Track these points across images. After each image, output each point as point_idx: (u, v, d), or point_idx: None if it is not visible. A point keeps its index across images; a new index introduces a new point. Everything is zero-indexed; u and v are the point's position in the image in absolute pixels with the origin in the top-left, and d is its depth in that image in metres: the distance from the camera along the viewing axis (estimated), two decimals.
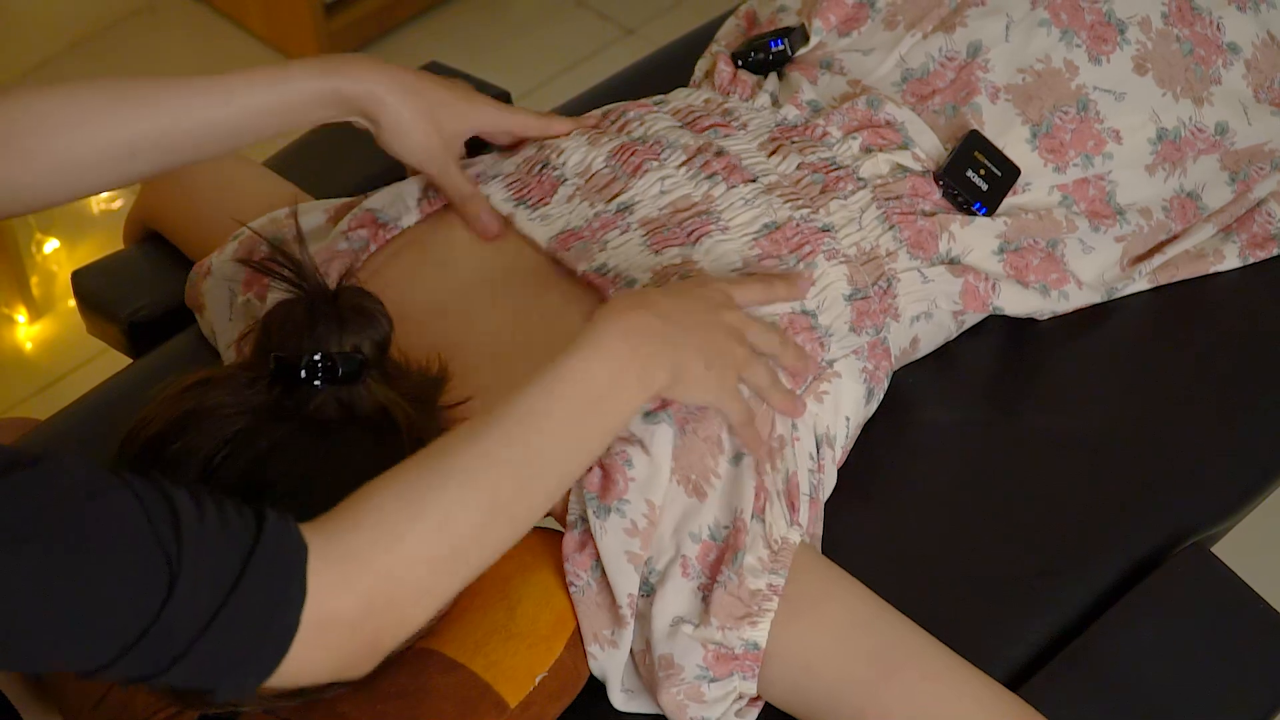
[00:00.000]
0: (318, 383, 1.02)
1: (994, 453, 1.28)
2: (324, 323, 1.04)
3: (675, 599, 1.09)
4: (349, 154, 1.30)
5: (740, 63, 1.41)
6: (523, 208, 1.27)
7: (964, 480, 1.26)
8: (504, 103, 1.31)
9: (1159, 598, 1.18)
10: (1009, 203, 1.32)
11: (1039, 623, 1.18)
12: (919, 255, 1.27)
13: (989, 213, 1.31)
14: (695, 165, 1.27)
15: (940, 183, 1.31)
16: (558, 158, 1.30)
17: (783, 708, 1.11)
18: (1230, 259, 1.37)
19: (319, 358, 1.02)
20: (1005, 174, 1.31)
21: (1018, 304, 1.32)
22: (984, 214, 1.31)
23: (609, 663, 1.11)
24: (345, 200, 1.36)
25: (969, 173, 1.30)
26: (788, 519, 1.13)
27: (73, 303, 2.06)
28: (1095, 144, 1.33)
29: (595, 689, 1.13)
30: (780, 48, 1.40)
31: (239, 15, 2.78)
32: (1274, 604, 1.19)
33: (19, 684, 1.25)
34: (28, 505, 0.80)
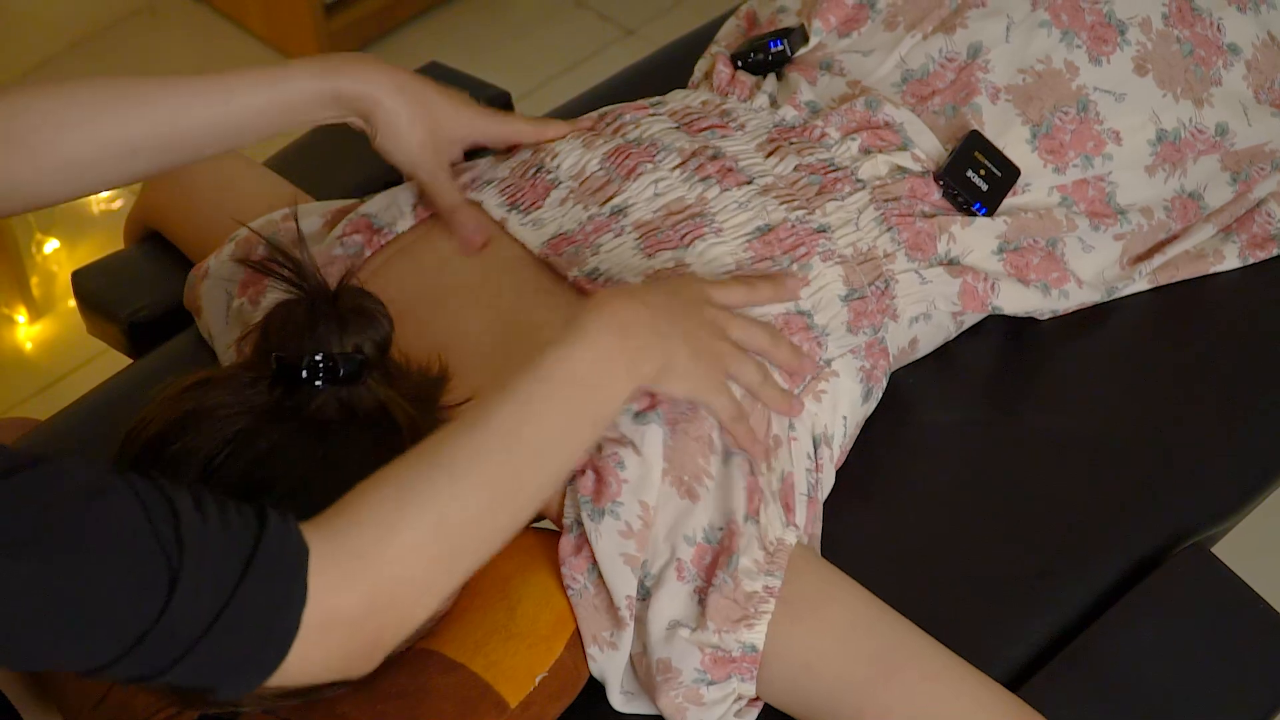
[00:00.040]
0: (319, 383, 1.02)
1: (994, 453, 1.28)
2: (325, 323, 1.04)
3: (671, 603, 1.09)
4: (349, 154, 1.30)
5: (739, 63, 1.41)
6: (515, 212, 1.27)
7: (964, 480, 1.26)
8: (501, 110, 1.31)
9: (1159, 598, 1.18)
10: (1009, 203, 1.32)
11: (1039, 623, 1.18)
12: (917, 257, 1.27)
13: (989, 213, 1.31)
14: (690, 168, 1.27)
15: (940, 183, 1.31)
16: (552, 161, 1.30)
17: (782, 708, 1.11)
18: (1230, 259, 1.37)
19: (320, 358, 1.02)
20: (1005, 174, 1.31)
21: (1017, 303, 1.32)
22: (984, 214, 1.30)
23: (608, 664, 1.11)
24: (342, 205, 1.36)
25: (969, 173, 1.30)
26: (783, 520, 1.13)
27: (73, 303, 2.06)
28: (1095, 145, 1.33)
29: (595, 690, 1.13)
30: (780, 48, 1.40)
31: (239, 15, 2.78)
32: (1274, 604, 1.19)
33: (19, 684, 1.25)
34: (29, 507, 0.80)
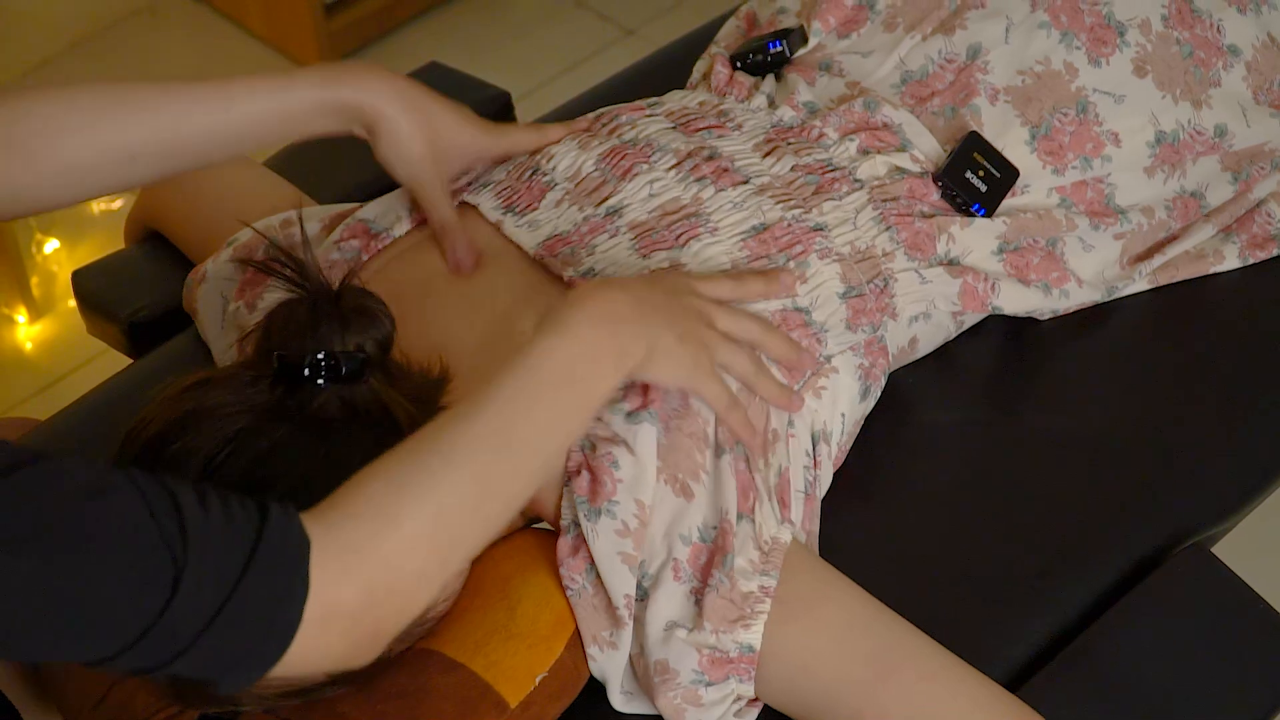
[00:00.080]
0: (320, 381, 1.02)
1: (994, 453, 1.28)
2: (327, 322, 1.04)
3: (668, 603, 1.09)
4: (349, 155, 1.30)
5: (738, 64, 1.41)
6: (511, 214, 1.27)
7: (964, 480, 1.27)
8: (500, 123, 1.31)
9: (1159, 598, 1.18)
10: (1008, 204, 1.32)
11: (1039, 623, 1.18)
12: (916, 256, 1.27)
13: (988, 214, 1.31)
14: (685, 168, 1.27)
15: (939, 184, 1.31)
16: (547, 163, 1.29)
17: (780, 709, 1.11)
18: (1230, 259, 1.37)
19: (322, 356, 1.02)
20: (1004, 175, 1.31)
21: (1017, 303, 1.32)
22: (982, 215, 1.31)
23: (608, 664, 1.11)
24: (340, 209, 1.36)
25: (968, 174, 1.30)
26: (778, 517, 1.13)
27: (73, 303, 2.06)
28: (1094, 147, 1.33)
29: (595, 690, 1.13)
30: (778, 49, 1.40)
31: (239, 15, 2.78)
32: (1274, 604, 1.19)
33: (19, 684, 1.25)
34: (32, 503, 0.80)
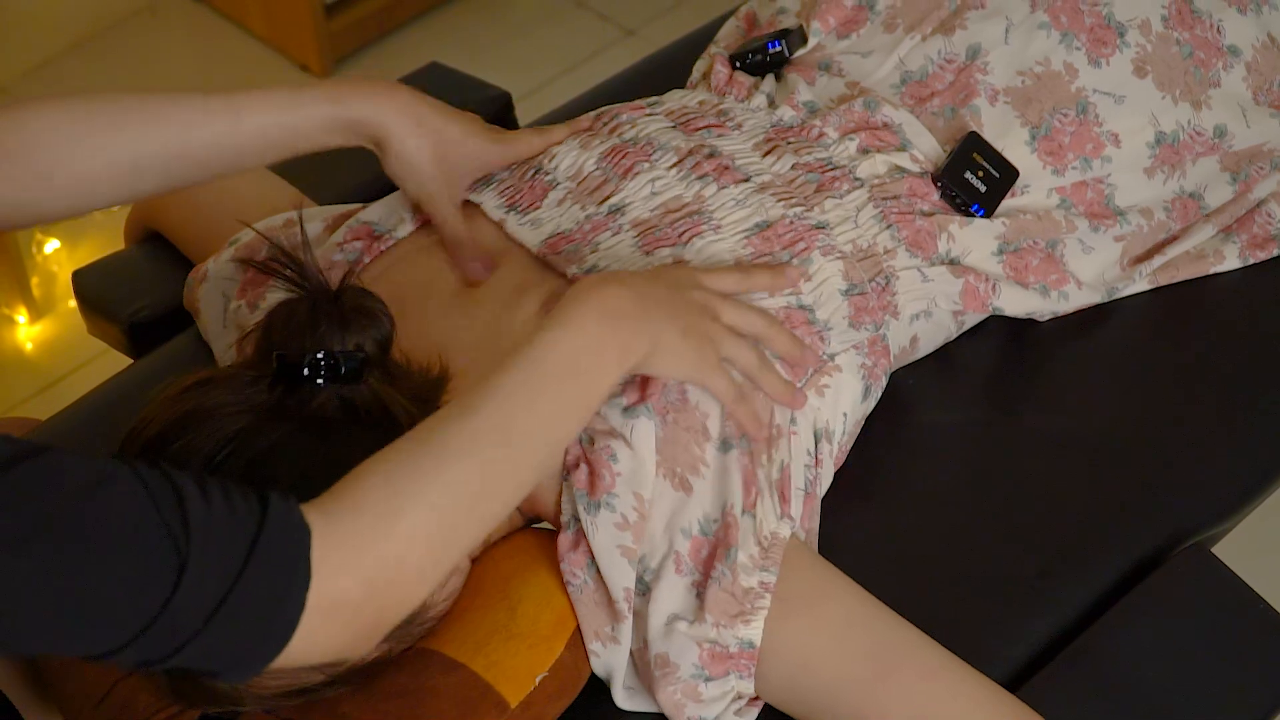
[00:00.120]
0: (320, 381, 1.02)
1: (994, 453, 1.28)
2: (327, 322, 1.04)
3: (670, 596, 1.10)
4: (350, 157, 1.30)
5: (738, 64, 1.41)
6: (514, 213, 1.27)
7: (964, 480, 1.27)
8: (506, 130, 1.31)
9: (1159, 598, 1.18)
10: (1007, 204, 1.32)
11: (1039, 623, 1.18)
12: (918, 254, 1.27)
13: (987, 214, 1.31)
14: (686, 166, 1.27)
15: (938, 184, 1.31)
16: (549, 162, 1.30)
17: (781, 707, 1.11)
18: (1230, 260, 1.37)
19: (321, 356, 1.03)
20: (1003, 176, 1.31)
21: (1017, 305, 1.32)
22: (982, 215, 1.31)
23: (612, 659, 1.11)
24: (343, 210, 1.36)
25: (967, 174, 1.30)
26: (777, 512, 1.13)
27: (73, 303, 2.06)
28: (1094, 147, 1.33)
29: (595, 689, 1.13)
30: (778, 49, 1.40)
31: (239, 16, 2.78)
32: (1274, 604, 1.19)
33: (20, 684, 1.25)
34: (35, 497, 0.80)
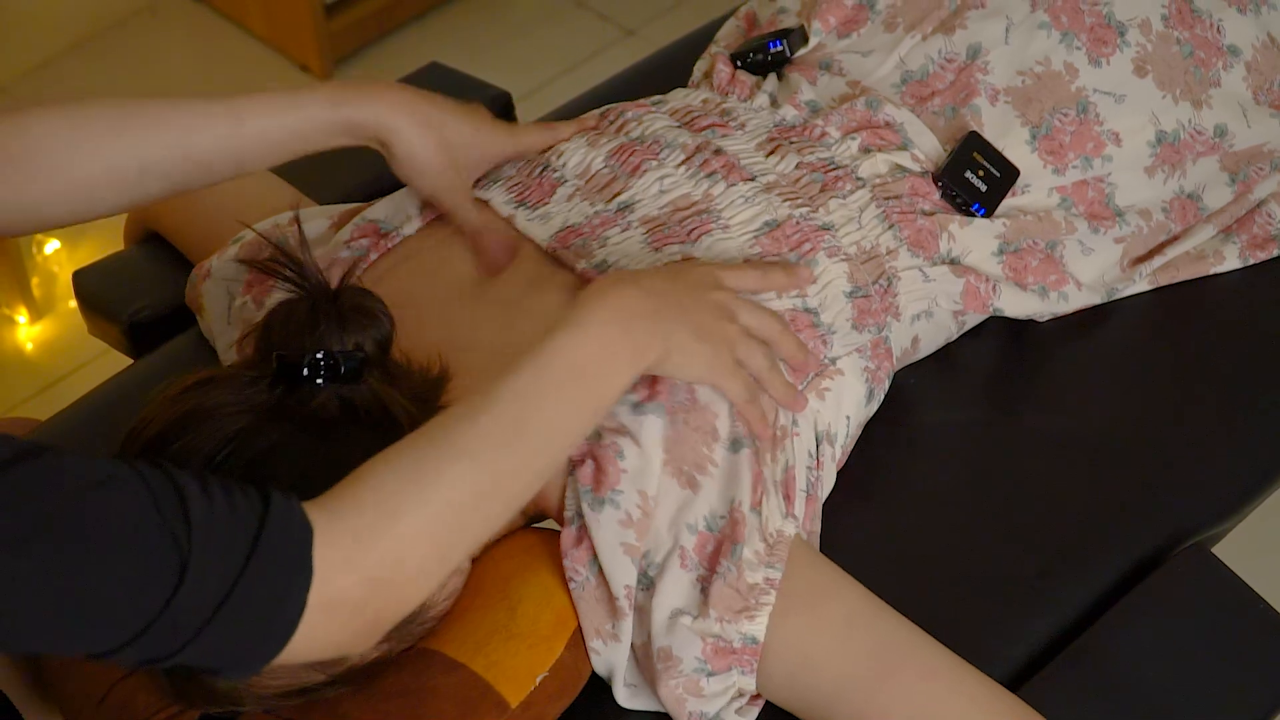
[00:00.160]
0: (320, 381, 1.02)
1: (994, 453, 1.28)
2: (326, 321, 1.04)
3: (674, 591, 1.09)
4: (350, 156, 1.30)
5: (739, 63, 1.41)
6: (523, 208, 1.27)
7: (964, 480, 1.27)
8: (511, 123, 1.31)
9: (1159, 598, 1.18)
10: (1008, 204, 1.32)
11: (1039, 623, 1.18)
12: (920, 254, 1.27)
13: (987, 214, 1.31)
14: (694, 164, 1.27)
15: (939, 183, 1.31)
16: (557, 159, 1.30)
17: (782, 705, 1.11)
18: (1230, 260, 1.37)
19: (321, 356, 1.03)
20: (1004, 175, 1.31)
21: (1017, 306, 1.32)
22: (982, 215, 1.31)
23: (613, 657, 1.11)
24: (348, 207, 1.36)
25: (968, 174, 1.30)
26: (783, 511, 1.13)
27: (74, 303, 2.06)
28: (1095, 146, 1.33)
29: (595, 689, 1.13)
30: (779, 49, 1.40)
31: (239, 16, 2.78)
32: (1274, 604, 1.19)
33: (20, 683, 1.25)
34: (36, 497, 0.80)
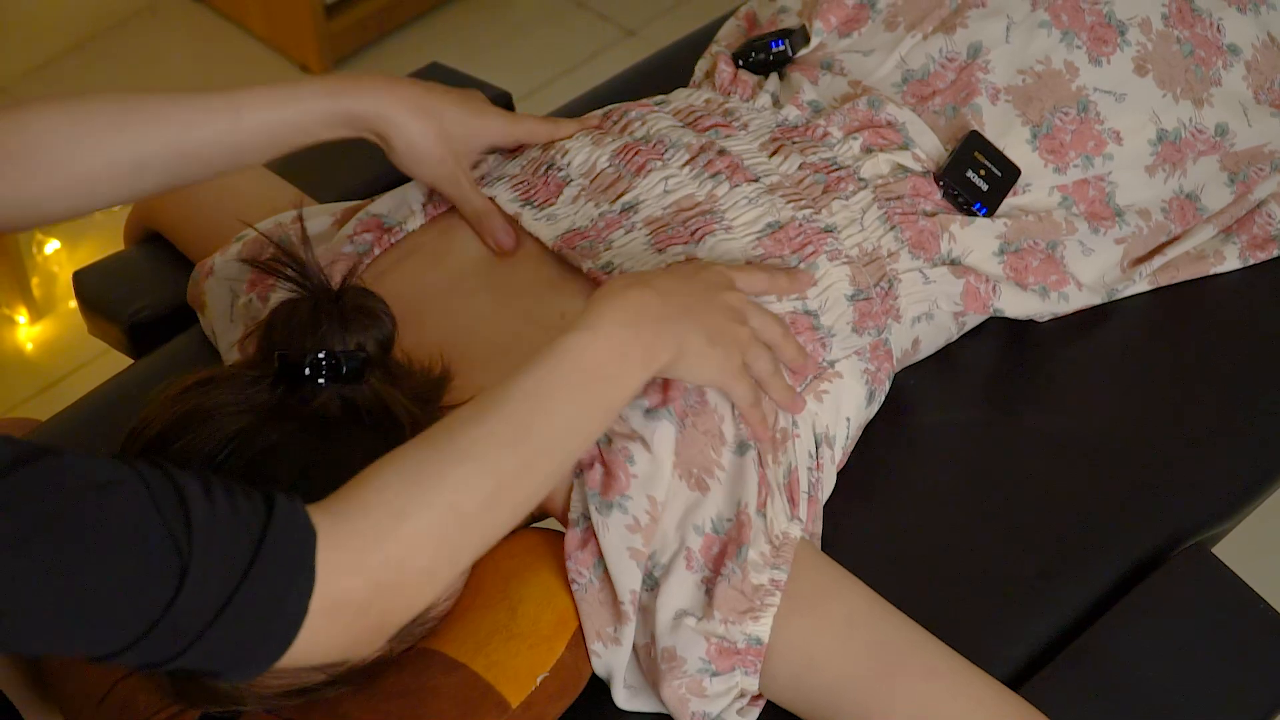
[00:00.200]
0: (321, 381, 1.02)
1: (994, 453, 1.28)
2: (328, 321, 1.04)
3: (679, 592, 1.09)
4: (351, 156, 1.30)
5: (741, 63, 1.41)
6: (529, 208, 1.27)
7: (964, 480, 1.27)
8: (511, 111, 1.31)
9: (1159, 598, 1.18)
10: (1009, 204, 1.33)
11: (1039, 623, 1.18)
12: (920, 255, 1.28)
13: (989, 213, 1.31)
14: (699, 164, 1.27)
15: (941, 183, 1.31)
16: (562, 158, 1.30)
17: (785, 706, 1.11)
18: (1230, 260, 1.37)
19: (323, 355, 1.03)
20: (1005, 174, 1.31)
21: (1018, 306, 1.32)
22: (984, 214, 1.31)
23: (612, 660, 1.11)
24: (350, 204, 1.36)
25: (969, 173, 1.30)
26: (788, 513, 1.13)
27: (74, 303, 2.06)
28: (1095, 145, 1.33)
29: (596, 689, 1.13)
30: (781, 48, 1.40)
31: (240, 16, 2.78)
32: (1274, 604, 1.19)
33: (20, 684, 1.25)
34: (36, 498, 0.80)
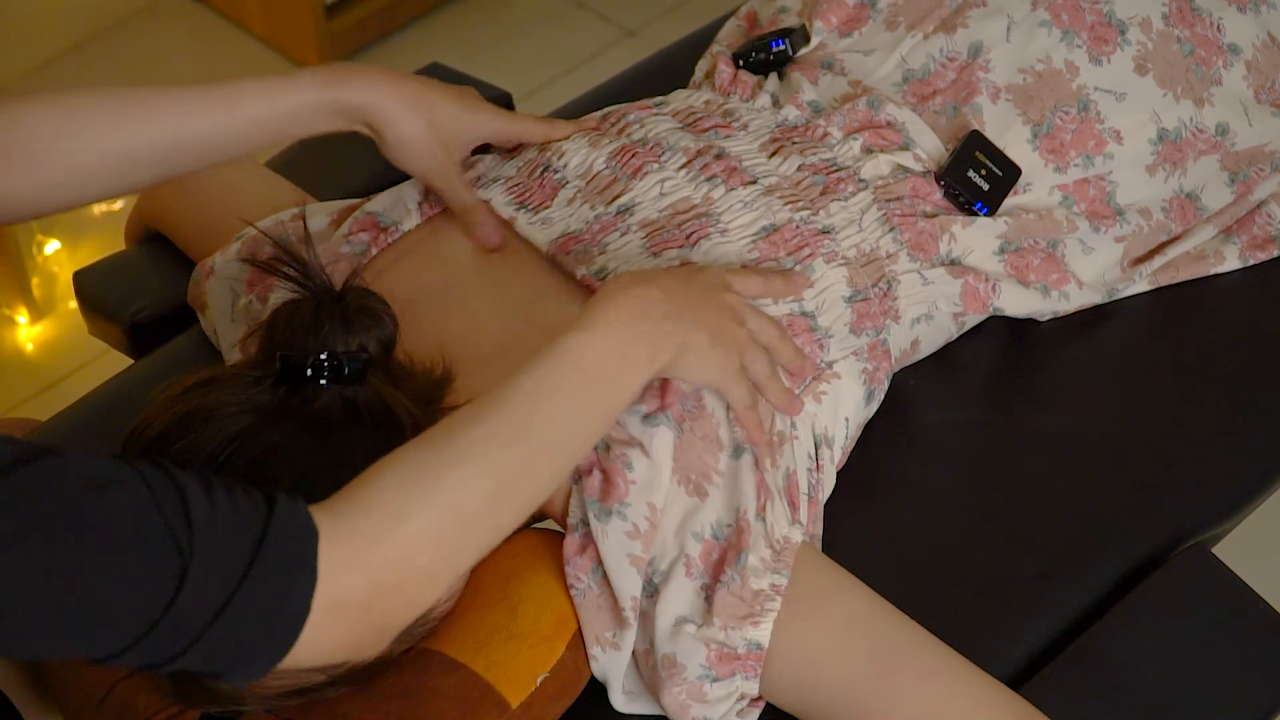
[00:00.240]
0: (323, 381, 1.02)
1: (994, 453, 1.28)
2: (330, 322, 1.04)
3: (678, 599, 1.09)
4: (350, 155, 1.30)
5: (741, 63, 1.41)
6: (524, 211, 1.27)
7: (964, 480, 1.27)
8: (507, 109, 1.31)
9: (1159, 598, 1.18)
10: (1010, 203, 1.33)
11: (1039, 623, 1.18)
12: (919, 257, 1.28)
13: (990, 213, 1.31)
14: (695, 167, 1.27)
15: (941, 183, 1.31)
16: (559, 160, 1.30)
17: (785, 708, 1.11)
18: (1231, 260, 1.37)
19: (325, 356, 1.03)
20: (1006, 174, 1.31)
21: (1018, 305, 1.32)
22: (985, 214, 1.31)
23: (610, 664, 1.11)
24: (348, 203, 1.36)
25: (970, 173, 1.30)
26: (789, 517, 1.13)
27: (74, 304, 2.06)
28: (1096, 144, 1.33)
29: (596, 690, 1.13)
30: (781, 48, 1.40)
31: (239, 16, 2.78)
32: (1274, 604, 1.19)
33: (20, 684, 1.25)
34: (36, 498, 0.80)
